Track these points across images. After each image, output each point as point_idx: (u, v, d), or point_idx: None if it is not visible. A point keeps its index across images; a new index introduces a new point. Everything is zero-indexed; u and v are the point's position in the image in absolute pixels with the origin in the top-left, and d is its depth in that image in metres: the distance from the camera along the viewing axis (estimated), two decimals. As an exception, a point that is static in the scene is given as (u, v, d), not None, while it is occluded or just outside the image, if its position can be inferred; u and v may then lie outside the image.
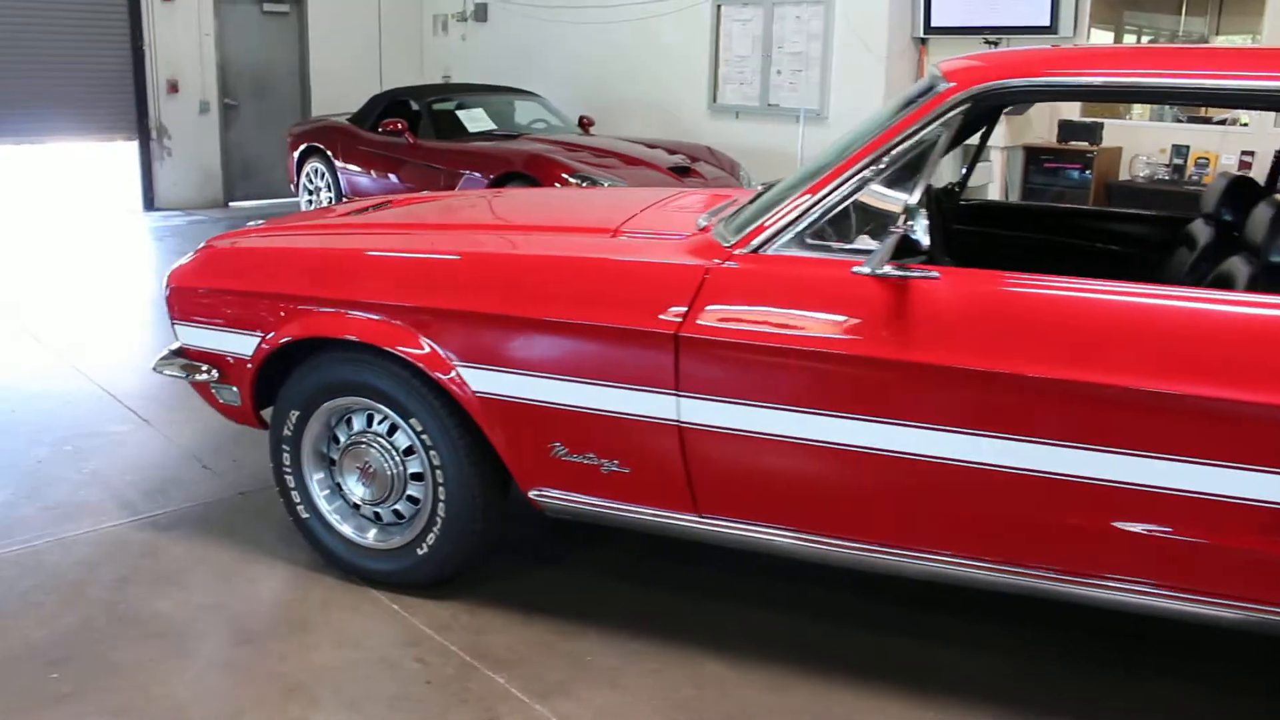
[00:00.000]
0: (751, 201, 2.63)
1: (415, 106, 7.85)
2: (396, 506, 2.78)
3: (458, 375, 2.53)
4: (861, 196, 2.26)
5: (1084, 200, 6.80)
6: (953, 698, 2.40)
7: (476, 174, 6.98)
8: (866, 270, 2.20)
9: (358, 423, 2.77)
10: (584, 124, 8.52)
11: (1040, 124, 7.19)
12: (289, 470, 2.86)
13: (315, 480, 2.86)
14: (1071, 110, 7.14)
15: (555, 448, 2.51)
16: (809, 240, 2.29)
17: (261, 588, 2.85)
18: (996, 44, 7.45)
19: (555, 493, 2.57)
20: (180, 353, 3.03)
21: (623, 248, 2.58)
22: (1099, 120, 6.93)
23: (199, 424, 3.97)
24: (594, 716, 2.32)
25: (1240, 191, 2.88)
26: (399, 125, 7.47)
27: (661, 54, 9.01)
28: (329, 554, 2.89)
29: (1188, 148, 6.63)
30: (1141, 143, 6.90)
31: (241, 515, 3.29)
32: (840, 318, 2.21)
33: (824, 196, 2.28)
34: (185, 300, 2.93)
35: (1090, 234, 3.39)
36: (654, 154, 7.29)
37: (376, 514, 2.82)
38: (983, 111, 2.35)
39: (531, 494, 2.60)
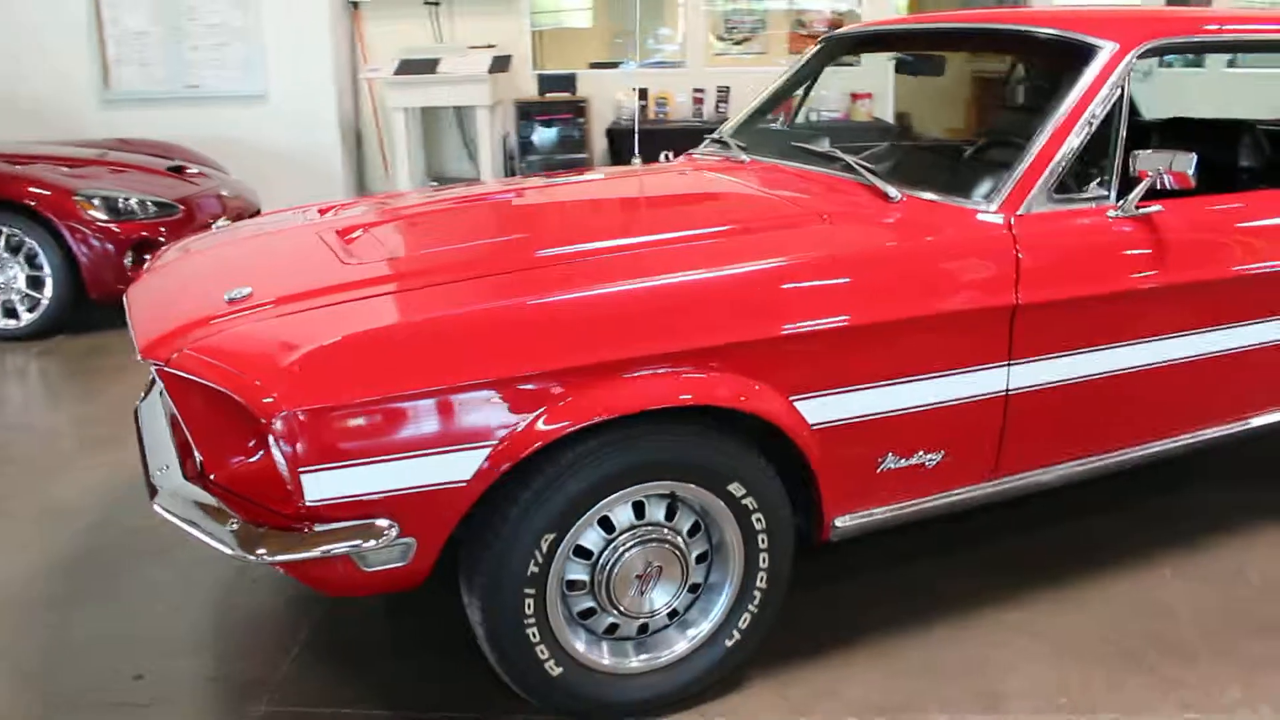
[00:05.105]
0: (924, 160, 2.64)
1: None
2: (675, 605, 2.26)
3: (794, 413, 2.16)
4: (1084, 152, 2.50)
5: (583, 149, 7.34)
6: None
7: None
8: (1121, 213, 2.48)
9: (619, 518, 2.16)
10: (-54, 131, 6.42)
11: (522, 80, 7.47)
12: (532, 621, 2.10)
13: (564, 619, 2.15)
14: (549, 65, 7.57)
15: (885, 460, 2.32)
16: (1054, 195, 2.46)
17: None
18: (438, 4, 7.50)
19: (866, 511, 2.37)
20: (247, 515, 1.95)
21: (889, 233, 2.39)
22: (573, 71, 7.47)
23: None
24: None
25: None
26: None
27: (17, 34, 7.09)
28: (586, 703, 2.22)
29: (647, 90, 7.53)
30: (604, 89, 7.61)
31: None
32: (1120, 256, 2.47)
33: (1061, 156, 2.45)
34: (332, 430, 1.85)
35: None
36: (133, 156, 5.91)
37: (643, 626, 2.25)
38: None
39: (837, 522, 2.36)
